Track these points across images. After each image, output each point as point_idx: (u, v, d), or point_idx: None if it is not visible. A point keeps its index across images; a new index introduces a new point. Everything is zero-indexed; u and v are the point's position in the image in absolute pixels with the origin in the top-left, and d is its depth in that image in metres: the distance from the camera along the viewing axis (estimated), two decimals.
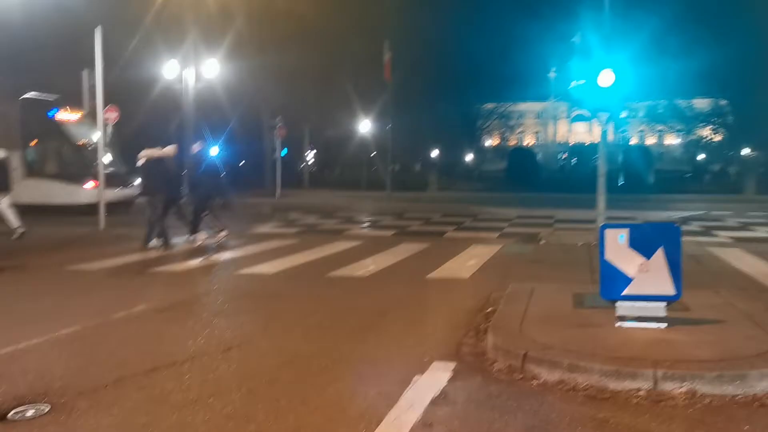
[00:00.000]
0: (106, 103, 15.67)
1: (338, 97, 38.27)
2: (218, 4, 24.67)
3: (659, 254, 4.97)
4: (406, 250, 11.66)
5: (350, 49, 35.60)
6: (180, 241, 12.30)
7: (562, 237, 13.11)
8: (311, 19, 31.06)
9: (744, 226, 15.99)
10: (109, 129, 26.78)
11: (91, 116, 18.08)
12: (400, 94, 36.18)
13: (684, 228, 15.38)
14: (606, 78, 12.04)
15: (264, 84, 33.23)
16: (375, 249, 11.61)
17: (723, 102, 56.92)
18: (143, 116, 29.49)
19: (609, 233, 5.10)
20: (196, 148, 13.71)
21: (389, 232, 14.82)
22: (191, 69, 23.63)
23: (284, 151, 35.85)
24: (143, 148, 12.39)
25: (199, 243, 12.28)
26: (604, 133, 13.20)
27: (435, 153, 63.56)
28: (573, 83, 12.49)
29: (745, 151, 54.72)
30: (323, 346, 5.51)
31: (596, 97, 12.21)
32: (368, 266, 9.71)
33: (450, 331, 5.86)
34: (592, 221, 15.27)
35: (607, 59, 12.14)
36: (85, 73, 15.47)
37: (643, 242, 5.00)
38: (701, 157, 69.43)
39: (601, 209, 13.06)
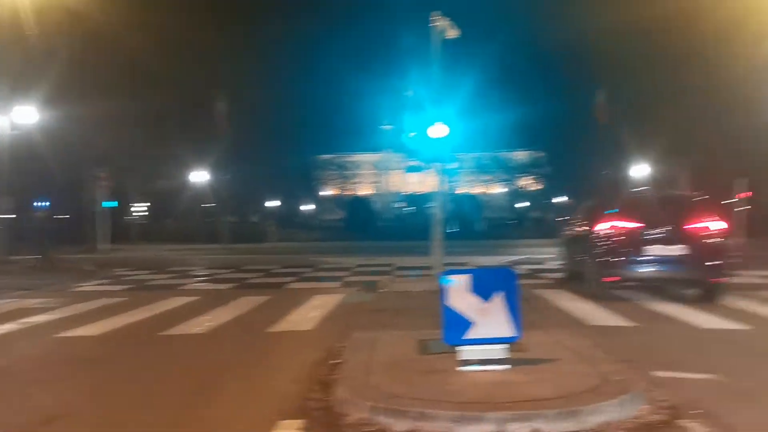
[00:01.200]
0: None
1: (171, 147, 36.90)
2: (42, 45, 22.94)
3: (498, 298, 5.13)
4: (246, 303, 11.24)
5: (185, 99, 34.67)
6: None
7: (402, 284, 13.35)
8: (142, 66, 29.94)
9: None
10: None
11: None
12: (237, 144, 35.68)
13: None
14: (437, 130, 12.64)
15: (88, 132, 31.26)
16: (213, 304, 11.08)
17: (541, 154, 62.22)
18: None
19: (450, 279, 5.20)
20: None
21: (228, 286, 14.27)
22: (4, 116, 21.67)
23: (114, 203, 33.73)
24: None
25: None
26: (438, 183, 13.75)
27: (273, 203, 63.04)
28: (407, 135, 12.97)
29: (562, 199, 59.77)
30: (157, 412, 5.04)
31: (429, 148, 12.76)
32: (206, 322, 9.20)
33: (295, 385, 5.62)
34: (430, 267, 15.80)
35: (438, 113, 12.78)
36: None
37: (482, 287, 5.14)
38: (523, 204, 75.07)
39: (438, 256, 13.51)
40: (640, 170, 39.40)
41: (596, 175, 38.81)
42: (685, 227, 10.57)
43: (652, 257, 10.46)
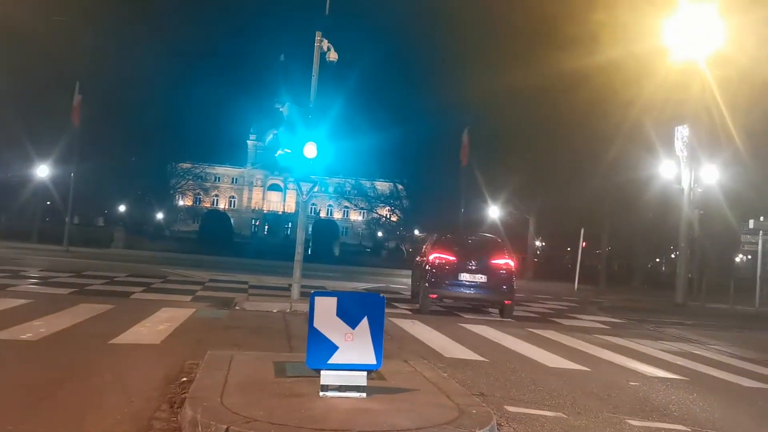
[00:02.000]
0: None
1: (11, 135, 33.74)
2: None
3: (364, 324, 5.07)
4: (86, 310, 10.40)
5: (32, 83, 31.92)
6: None
7: (257, 303, 12.96)
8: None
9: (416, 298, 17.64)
10: None
11: None
12: (87, 140, 33.28)
13: None
14: (310, 150, 12.53)
15: None
16: (47, 309, 10.14)
17: (400, 186, 63.84)
18: None
19: (319, 301, 5.07)
20: None
21: (65, 291, 13.16)
22: None
23: None
24: None
25: None
26: (303, 204, 13.61)
27: (122, 208, 59.63)
28: (279, 152, 12.77)
29: (416, 232, 61.59)
30: None
31: (301, 167, 12.61)
32: (39, 328, 8.37)
33: (140, 403, 5.21)
34: (286, 288, 15.58)
35: (311, 133, 12.69)
36: None
37: (350, 311, 5.06)
38: (380, 234, 76.50)
39: (297, 277, 13.33)
40: (492, 211, 41.61)
41: (452, 212, 40.38)
42: (486, 261, 14.28)
43: (463, 282, 14.14)
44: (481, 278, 14.11)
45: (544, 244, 60.11)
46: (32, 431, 4.46)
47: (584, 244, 33.36)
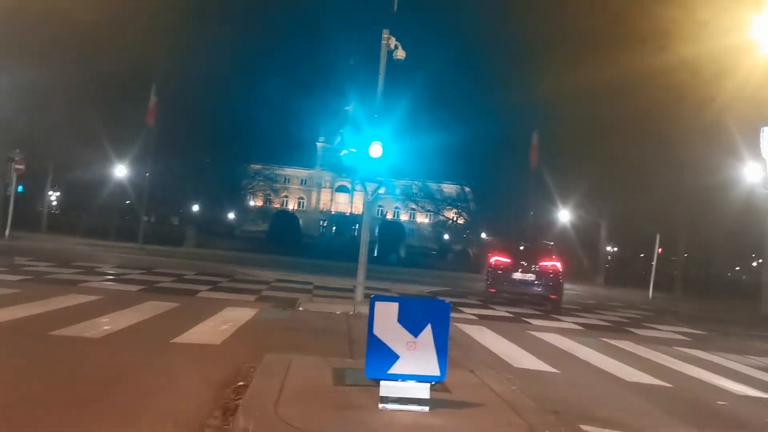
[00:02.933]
0: None
1: (93, 136, 34.97)
2: None
3: (427, 331, 4.74)
4: (152, 308, 10.45)
5: (111, 86, 32.96)
6: None
7: (320, 304, 12.81)
8: (70, 47, 28.26)
9: (484, 304, 17.14)
10: None
11: None
12: (162, 141, 34.17)
13: None
14: (375, 150, 12.28)
15: (5, 110, 29.24)
16: (115, 305, 10.23)
17: (467, 189, 62.98)
18: None
19: (379, 307, 4.76)
20: None
21: (135, 288, 13.34)
22: None
23: (20, 188, 31.68)
24: None
25: None
26: (368, 204, 13.39)
27: (195, 207, 61.12)
28: (345, 151, 12.58)
29: (483, 235, 60.64)
30: (28, 425, 4.37)
31: (365, 167, 12.38)
32: (103, 325, 8.40)
33: (193, 407, 5.04)
34: (350, 289, 15.42)
35: (376, 132, 12.44)
36: None
37: (413, 318, 4.73)
38: (446, 237, 75.80)
39: (361, 279, 13.10)
40: (563, 215, 40.45)
41: (520, 216, 39.48)
42: (536, 263, 17.07)
43: (515, 279, 17.06)
44: (530, 277, 16.91)
45: (616, 249, 58.14)
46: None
47: (660, 250, 31.95)
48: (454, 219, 70.02)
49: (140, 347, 7.38)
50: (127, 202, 45.76)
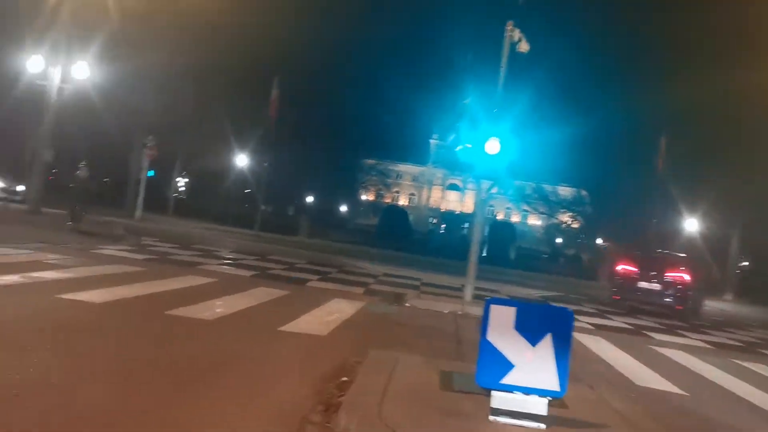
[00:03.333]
0: None
1: (217, 125, 36.54)
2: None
3: (547, 341, 4.35)
4: (263, 294, 10.60)
5: (235, 77, 34.23)
6: None
7: (428, 301, 12.56)
8: (199, 38, 29.55)
9: (601, 313, 16.27)
10: None
11: None
12: (281, 133, 35.20)
13: None
14: (493, 146, 11.85)
15: (140, 98, 31.08)
16: (229, 289, 10.46)
17: (584, 192, 60.66)
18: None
19: (495, 310, 4.42)
20: None
21: (248, 273, 13.66)
22: (58, 67, 21.54)
23: (151, 173, 33.61)
24: None
25: None
26: (482, 202, 12.98)
27: (310, 199, 62.71)
28: (460, 147, 12.24)
29: (598, 241, 58.30)
30: (130, 402, 4.40)
31: (482, 164, 11.97)
32: (216, 308, 8.56)
33: (296, 400, 4.92)
34: (458, 288, 15.07)
35: (496, 127, 12.00)
36: None
37: (531, 325, 4.36)
38: (559, 240, 73.44)
39: (471, 278, 12.73)
40: (689, 224, 37.96)
41: (641, 223, 37.44)
42: (662, 273, 16.99)
43: (641, 288, 17.09)
44: (657, 287, 16.88)
45: (747, 263, 54.03)
46: (172, 417, 4.27)
47: None
48: (569, 223, 67.71)
49: (249, 333, 7.42)
50: (247, 190, 47.59)
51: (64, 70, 21.68)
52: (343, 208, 70.51)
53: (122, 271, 10.92)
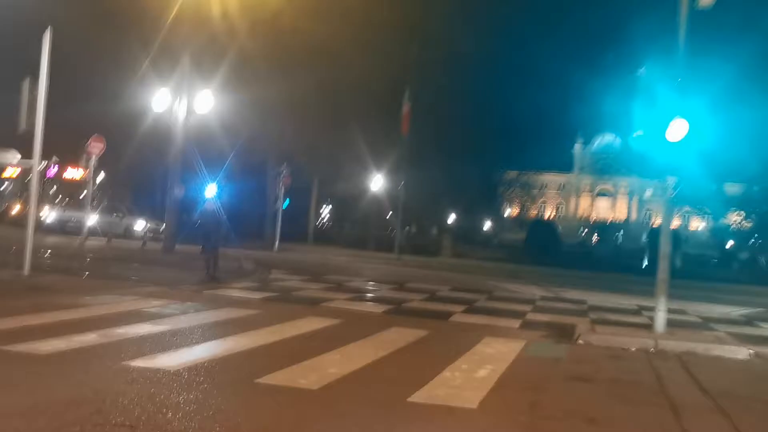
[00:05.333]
0: (47, 118, 12.73)
1: (350, 147, 35.37)
2: (221, 32, 21.97)
3: None
4: (394, 337, 8.46)
5: (365, 96, 32.86)
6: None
7: (606, 336, 9.78)
8: (326, 60, 28.50)
9: None
10: (93, 161, 24.31)
11: None
12: (415, 149, 33.41)
13: (758, 332, 12.05)
14: (678, 128, 9.01)
15: (271, 127, 30.52)
16: (352, 333, 8.42)
17: (755, 188, 53.79)
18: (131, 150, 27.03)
19: None
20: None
21: (380, 308, 11.60)
22: (183, 101, 21.05)
23: (287, 202, 33.05)
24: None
25: None
26: (668, 205, 10.09)
27: (451, 217, 60.54)
28: (638, 132, 9.51)
29: None
30: None
31: (665, 153, 9.15)
32: (328, 366, 6.49)
33: None
34: (632, 310, 12.30)
35: (680, 104, 9.16)
36: (25, 83, 12.60)
37: None
38: (730, 243, 65.95)
39: (662, 301, 9.88)
40: None
41: None
42: None
43: None
44: None
45: None
46: None
47: None
48: (739, 223, 60.46)
49: (365, 406, 5.25)
50: (390, 213, 46.20)
51: (189, 103, 21.20)
52: (487, 224, 67.63)
53: (229, 318, 9.22)
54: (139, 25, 22.36)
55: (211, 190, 17.11)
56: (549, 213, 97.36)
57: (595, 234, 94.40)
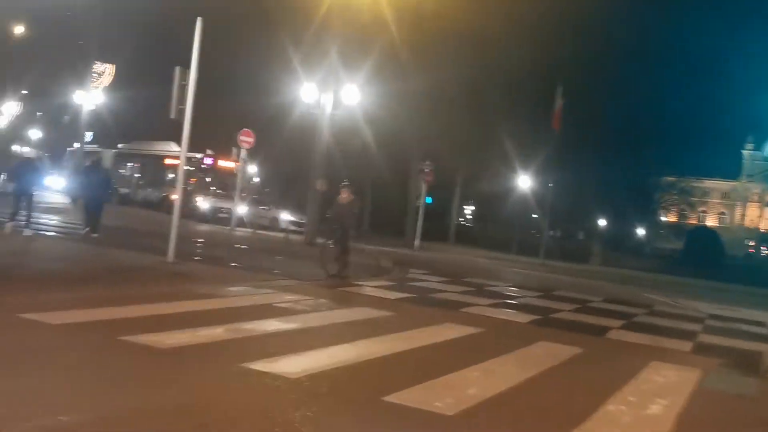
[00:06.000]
0: (201, 111, 12.90)
1: (497, 144, 34.04)
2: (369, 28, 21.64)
3: None
4: (543, 355, 7.40)
5: (514, 91, 31.45)
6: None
7: None
8: (474, 56, 27.51)
9: None
10: (243, 154, 25.01)
11: None
12: (566, 150, 31.53)
13: None
14: None
15: (415, 121, 29.97)
16: (494, 347, 7.48)
17: None
18: (280, 142, 27.58)
19: None
20: None
21: (526, 318, 10.52)
22: (329, 94, 21.02)
23: (428, 200, 32.42)
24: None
25: None
26: None
27: (602, 222, 57.14)
28: None
29: None
30: None
31: None
32: (467, 387, 5.59)
33: None
34: None
35: None
36: (176, 72, 12.81)
37: None
38: None
39: None
40: None
41: None
42: None
43: None
44: None
45: None
46: None
47: None
48: None
49: None
50: (535, 216, 44.34)
51: (335, 96, 21.13)
52: (640, 232, 63.23)
53: (361, 318, 8.59)
54: (290, 22, 22.63)
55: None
56: (710, 222, 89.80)
57: (764, 247, 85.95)
